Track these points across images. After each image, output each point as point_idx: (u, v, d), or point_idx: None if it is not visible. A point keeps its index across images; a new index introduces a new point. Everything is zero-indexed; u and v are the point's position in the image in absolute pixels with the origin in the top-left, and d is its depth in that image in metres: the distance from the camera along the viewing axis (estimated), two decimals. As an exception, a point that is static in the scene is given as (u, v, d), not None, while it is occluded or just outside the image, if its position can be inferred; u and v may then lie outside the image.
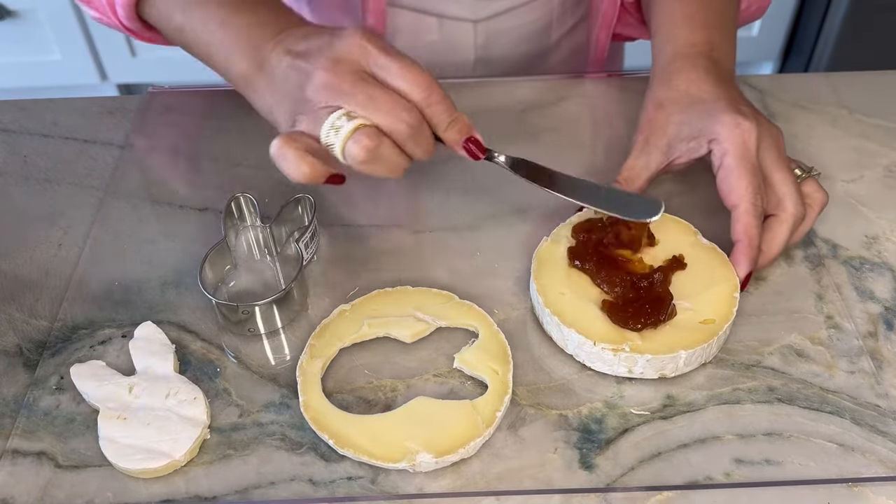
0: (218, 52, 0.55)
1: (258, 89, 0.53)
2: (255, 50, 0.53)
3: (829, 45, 1.67)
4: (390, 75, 0.49)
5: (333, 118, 0.48)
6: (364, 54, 0.49)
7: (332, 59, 0.49)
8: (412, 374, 0.52)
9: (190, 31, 0.57)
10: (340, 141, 0.48)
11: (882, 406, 0.51)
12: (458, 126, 0.52)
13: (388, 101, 0.48)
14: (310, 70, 0.50)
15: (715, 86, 0.58)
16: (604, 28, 0.80)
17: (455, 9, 0.75)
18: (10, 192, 0.66)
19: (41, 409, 0.51)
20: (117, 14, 0.62)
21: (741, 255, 0.54)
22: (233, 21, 0.55)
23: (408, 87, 0.49)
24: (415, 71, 0.49)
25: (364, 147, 0.48)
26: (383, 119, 0.48)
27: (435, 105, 0.50)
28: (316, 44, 0.51)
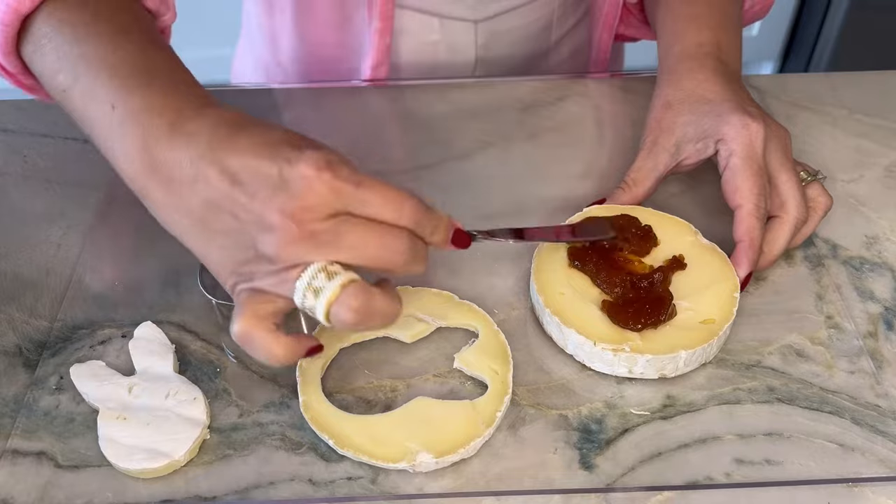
0: (104, 139, 0.43)
1: (157, 202, 0.42)
2: (146, 149, 0.41)
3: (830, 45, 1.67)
4: (371, 210, 0.40)
5: (308, 277, 0.39)
6: (337, 196, 0.39)
7: (296, 206, 0.38)
8: (412, 374, 0.52)
9: (75, 100, 0.44)
10: (324, 306, 0.40)
11: (882, 406, 0.51)
12: (443, 228, 0.43)
13: (377, 237, 0.40)
14: (258, 217, 0.39)
15: (723, 86, 0.59)
16: (606, 29, 0.80)
17: (456, 9, 0.75)
18: (10, 192, 0.66)
19: (41, 409, 0.51)
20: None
21: (742, 256, 0.54)
22: (119, 100, 0.42)
23: (393, 216, 0.40)
24: (395, 195, 0.40)
25: (354, 310, 0.40)
26: (377, 259, 0.40)
27: (421, 221, 0.42)
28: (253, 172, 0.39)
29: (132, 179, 0.42)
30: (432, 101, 0.74)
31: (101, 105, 0.43)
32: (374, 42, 0.74)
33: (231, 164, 0.39)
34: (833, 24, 1.65)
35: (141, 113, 0.42)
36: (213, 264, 0.42)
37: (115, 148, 0.43)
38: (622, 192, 0.60)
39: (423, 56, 0.79)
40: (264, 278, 0.40)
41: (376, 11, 0.72)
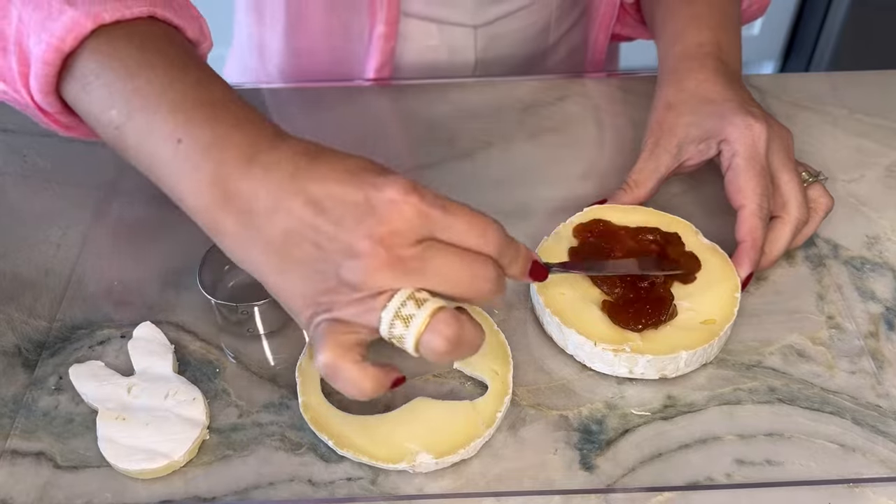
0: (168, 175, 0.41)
1: (230, 236, 0.41)
2: (219, 184, 0.39)
3: (830, 44, 1.67)
4: (457, 236, 0.39)
5: (396, 305, 0.39)
6: (424, 221, 0.38)
7: (384, 231, 0.38)
8: (412, 374, 0.52)
9: (130, 137, 0.42)
10: (414, 335, 0.39)
11: (883, 406, 0.51)
12: (522, 259, 0.43)
13: (466, 264, 0.39)
14: (349, 246, 0.38)
15: (724, 87, 0.59)
16: (602, 29, 0.80)
17: (455, 15, 0.75)
18: (10, 192, 0.66)
19: (40, 410, 0.51)
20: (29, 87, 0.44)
21: (744, 257, 0.54)
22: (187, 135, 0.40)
23: (478, 243, 0.40)
24: (480, 223, 0.40)
25: (446, 338, 0.39)
26: (465, 286, 0.39)
27: (504, 249, 0.41)
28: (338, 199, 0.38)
29: (201, 213, 0.41)
30: (433, 101, 0.74)
31: (165, 141, 0.41)
32: (378, 46, 0.74)
33: (315, 193, 0.38)
34: (833, 23, 1.65)
35: (212, 147, 0.40)
36: (289, 297, 0.41)
37: (181, 183, 0.41)
38: (624, 193, 0.60)
39: (423, 60, 0.79)
40: (346, 307, 0.39)
41: (381, 17, 0.72)
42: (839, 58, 1.67)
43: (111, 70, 0.42)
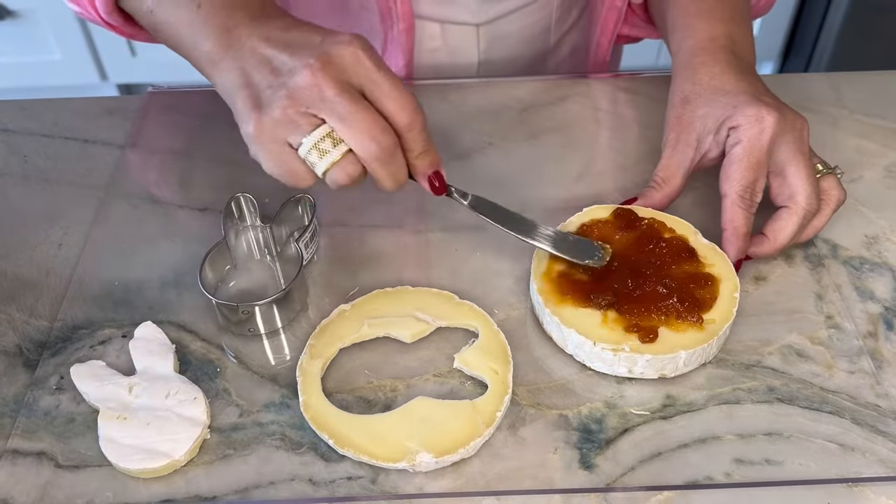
0: (185, 31, 0.52)
1: (221, 68, 0.50)
2: (226, 31, 0.50)
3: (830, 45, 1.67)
4: (380, 92, 0.47)
5: (316, 137, 0.47)
6: (357, 64, 0.47)
7: (321, 59, 0.46)
8: (412, 374, 0.52)
9: (160, 13, 0.54)
10: (323, 167, 0.47)
11: (882, 406, 0.51)
12: (430, 158, 0.50)
13: (367, 120, 0.46)
14: (291, 66, 0.47)
15: (738, 78, 0.59)
16: (605, 33, 0.80)
17: (458, 13, 0.75)
18: (10, 192, 0.66)
19: (41, 409, 0.51)
20: (96, 7, 0.59)
21: (726, 244, 0.56)
22: (207, 1, 0.51)
23: (395, 108, 0.47)
24: (405, 93, 0.47)
25: (348, 174, 0.47)
26: (357, 138, 0.46)
27: (417, 132, 0.48)
28: (303, 39, 0.48)
29: (207, 53, 0.50)
30: (433, 101, 0.74)
31: (186, 8, 0.52)
32: (401, 43, 0.74)
33: (291, 37, 0.48)
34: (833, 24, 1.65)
35: (225, 7, 0.50)
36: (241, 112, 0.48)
37: (197, 35, 0.51)
38: (654, 191, 0.60)
39: (426, 62, 0.79)
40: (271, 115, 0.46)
41: (398, 13, 0.72)
42: (839, 58, 1.67)
43: None
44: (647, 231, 0.57)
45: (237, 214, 0.59)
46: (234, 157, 0.68)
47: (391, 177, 0.49)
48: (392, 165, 0.48)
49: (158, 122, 0.72)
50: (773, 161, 0.56)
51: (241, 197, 0.59)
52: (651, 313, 0.52)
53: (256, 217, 0.59)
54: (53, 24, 1.68)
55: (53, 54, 1.74)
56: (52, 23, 1.68)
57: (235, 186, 0.60)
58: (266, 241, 0.59)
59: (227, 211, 0.58)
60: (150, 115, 0.73)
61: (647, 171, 0.64)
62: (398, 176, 0.49)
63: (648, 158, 0.67)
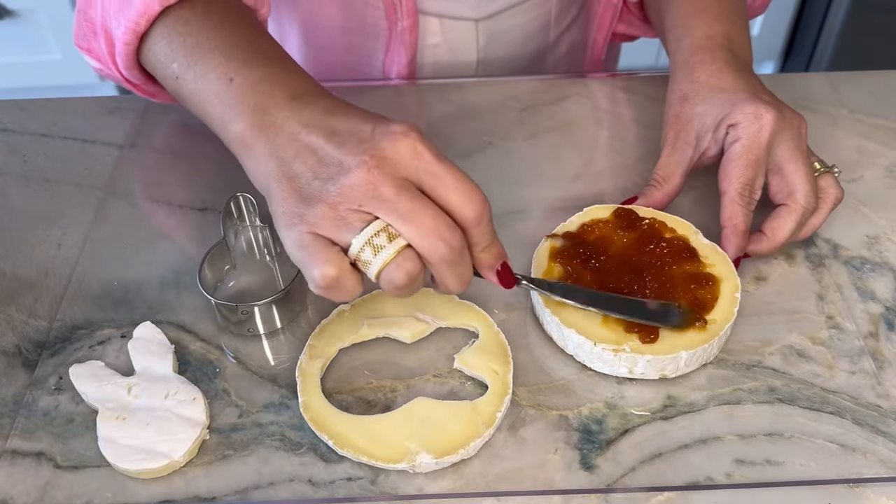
0: (215, 106, 0.47)
1: (256, 154, 0.45)
2: (261, 112, 0.45)
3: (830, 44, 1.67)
4: (443, 187, 0.42)
5: (370, 233, 0.42)
6: (415, 158, 0.42)
7: (375, 156, 0.41)
8: (412, 374, 0.52)
9: (188, 81, 0.49)
10: (379, 265, 0.42)
11: (883, 406, 0.51)
12: (496, 250, 0.46)
13: (432, 217, 0.42)
14: (340, 160, 0.42)
15: (735, 76, 0.59)
16: (601, 30, 0.80)
17: (458, 8, 0.75)
18: (10, 192, 0.66)
19: (40, 410, 0.51)
20: (117, 64, 0.55)
21: (725, 242, 0.56)
22: (239, 75, 0.47)
23: (461, 202, 0.42)
24: (469, 185, 0.43)
25: (407, 273, 0.42)
26: (423, 238, 0.42)
27: (484, 225, 0.44)
28: (351, 128, 0.43)
29: (239, 134, 0.46)
30: (432, 101, 0.74)
31: (218, 80, 0.47)
32: (405, 40, 0.74)
33: (336, 124, 0.43)
34: (833, 24, 1.65)
35: (261, 83, 0.46)
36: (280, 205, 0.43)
37: (226, 112, 0.46)
38: (655, 190, 0.60)
39: (425, 60, 0.79)
40: (324, 222, 0.42)
41: (404, 11, 0.72)
42: (839, 58, 1.67)
43: (174, 31, 0.50)
44: (647, 231, 0.57)
45: (236, 214, 0.59)
46: (234, 158, 0.68)
47: (458, 277, 0.44)
48: (460, 266, 0.43)
49: (158, 122, 0.72)
50: (772, 159, 0.56)
51: (241, 197, 0.59)
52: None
53: (256, 217, 0.59)
54: (53, 24, 1.68)
55: (53, 54, 1.74)
56: (52, 23, 1.68)
57: (235, 186, 0.59)
58: (265, 241, 0.59)
59: (227, 211, 0.58)
60: (150, 115, 0.73)
61: (647, 170, 0.64)
62: (465, 276, 0.44)
63: (648, 157, 0.67)
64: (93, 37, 0.57)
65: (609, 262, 0.55)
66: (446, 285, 0.44)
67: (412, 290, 0.44)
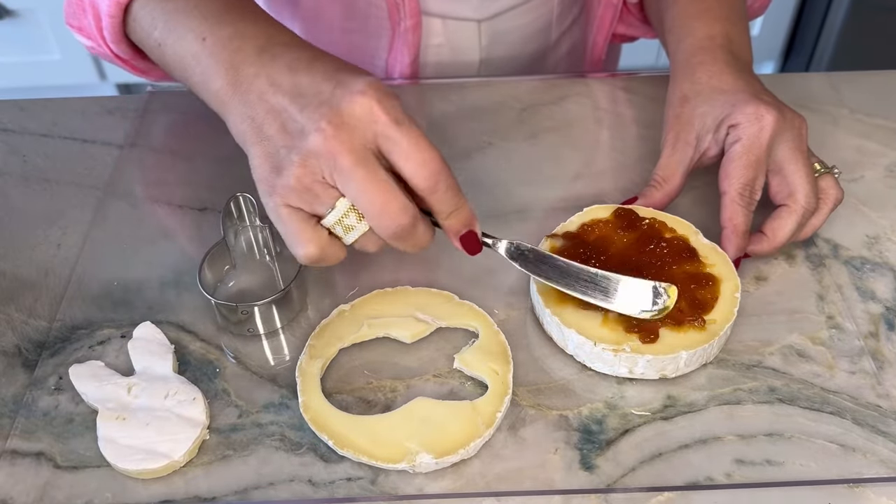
0: (194, 67, 0.49)
1: (233, 114, 0.46)
2: (234, 68, 0.46)
3: (830, 44, 1.67)
4: (397, 152, 0.43)
5: (341, 211, 0.44)
6: (371, 122, 0.43)
7: (333, 122, 0.42)
8: (412, 374, 0.52)
9: (168, 47, 0.51)
10: (351, 240, 0.46)
11: (883, 406, 0.51)
12: (461, 217, 0.47)
13: (383, 195, 0.43)
14: (301, 126, 0.43)
15: (736, 77, 0.59)
16: (601, 30, 0.80)
17: (460, 9, 0.75)
18: (10, 192, 0.66)
19: (40, 410, 0.51)
20: (105, 39, 0.57)
21: (725, 243, 0.56)
22: (211, 33, 0.48)
23: (413, 170, 0.43)
24: (426, 152, 0.43)
25: (379, 245, 0.47)
26: (373, 216, 0.44)
27: (441, 193, 0.44)
28: (313, 87, 0.44)
29: (218, 93, 0.47)
30: (432, 100, 0.74)
31: (194, 41, 0.49)
32: (408, 40, 0.75)
33: (301, 82, 0.44)
34: (833, 24, 1.65)
35: (232, 39, 0.47)
36: (258, 177, 0.45)
37: (204, 72, 0.48)
38: (655, 190, 0.60)
39: (427, 60, 0.79)
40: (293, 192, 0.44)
41: (406, 10, 0.72)
42: (839, 58, 1.67)
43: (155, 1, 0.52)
44: (647, 231, 0.57)
45: (236, 214, 0.59)
46: (234, 157, 0.68)
47: (412, 247, 0.46)
48: (412, 238, 0.45)
49: (158, 122, 0.72)
50: (773, 159, 0.56)
51: (241, 197, 0.59)
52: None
53: (256, 217, 0.59)
54: (53, 23, 1.68)
55: (53, 54, 1.74)
56: (52, 23, 1.68)
57: (235, 186, 0.59)
58: (265, 241, 0.59)
59: (227, 211, 0.58)
60: (150, 114, 0.73)
61: (647, 170, 0.64)
62: (420, 244, 0.46)
63: (648, 158, 0.67)
64: (82, 14, 0.59)
65: (609, 262, 0.55)
66: (401, 249, 0.46)
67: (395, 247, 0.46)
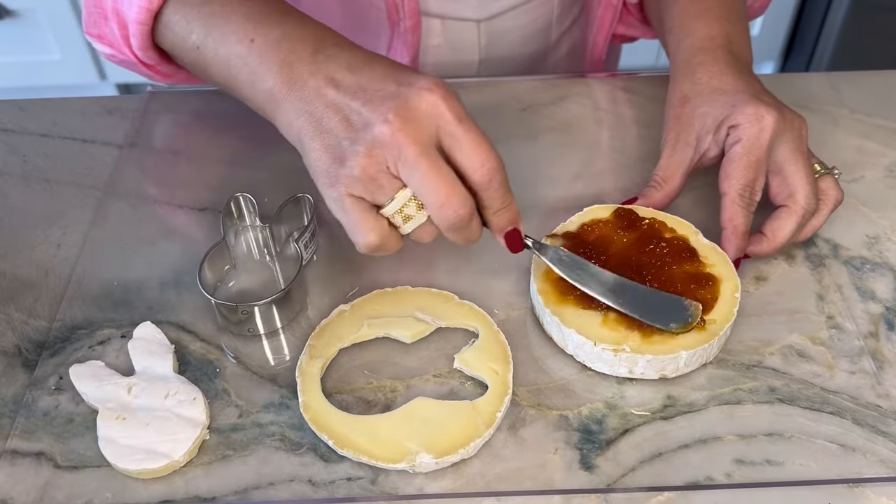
0: (241, 68, 0.49)
1: (286, 111, 0.47)
2: (288, 67, 0.47)
3: (830, 44, 1.67)
4: (458, 149, 0.45)
5: (401, 203, 0.46)
6: (436, 117, 0.44)
7: (400, 115, 0.43)
8: (412, 374, 0.52)
9: (209, 49, 0.51)
10: (410, 230, 0.47)
11: (883, 406, 0.51)
12: (508, 215, 0.49)
13: (446, 186, 0.44)
14: (367, 119, 0.44)
15: (736, 78, 0.59)
16: (601, 31, 0.80)
17: (460, 9, 0.75)
18: (10, 192, 0.66)
19: (40, 410, 0.51)
20: (131, 46, 0.56)
21: (725, 243, 0.56)
22: (259, 35, 0.49)
23: (472, 166, 0.45)
24: (485, 150, 0.45)
25: (433, 235, 0.48)
26: (434, 206, 0.45)
27: (495, 189, 0.46)
28: (375, 84, 0.45)
29: (268, 92, 0.47)
30: (432, 100, 0.74)
31: (239, 43, 0.49)
32: (407, 40, 0.75)
33: (361, 80, 0.45)
34: (833, 24, 1.65)
35: (282, 40, 0.48)
36: (317, 170, 0.46)
37: (254, 72, 0.48)
38: (654, 191, 0.60)
39: (427, 60, 0.79)
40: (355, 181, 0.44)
41: (406, 11, 0.72)
42: (839, 58, 1.67)
43: (188, 6, 0.51)
44: (647, 231, 0.57)
45: (236, 214, 0.59)
46: (234, 157, 0.68)
47: (465, 240, 0.48)
48: (466, 231, 0.47)
49: (158, 122, 0.72)
50: (773, 160, 0.56)
51: (241, 197, 0.59)
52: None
53: (256, 217, 0.59)
54: (53, 23, 1.68)
55: (52, 54, 1.74)
56: (52, 23, 1.68)
57: (235, 186, 0.60)
58: (265, 241, 0.59)
59: (227, 211, 0.58)
60: (150, 115, 0.73)
61: (647, 170, 0.64)
62: (471, 237, 0.48)
63: (648, 158, 0.67)
64: (104, 22, 0.58)
65: (609, 263, 0.55)
66: (453, 240, 0.48)
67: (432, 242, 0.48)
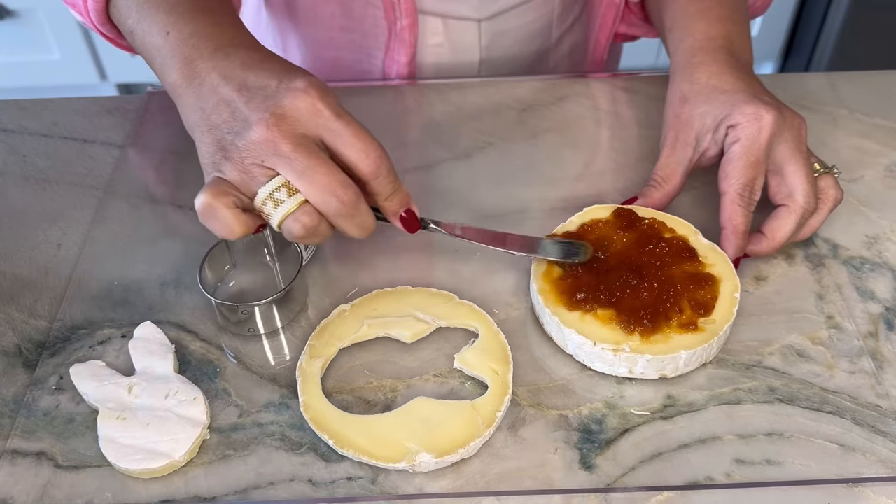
0: (156, 59, 0.52)
1: (185, 104, 0.49)
2: (189, 63, 0.49)
3: (830, 44, 1.67)
4: (340, 142, 0.46)
5: (271, 188, 0.46)
6: (314, 115, 0.46)
7: (275, 113, 0.45)
8: (412, 374, 0.52)
9: (137, 35, 0.53)
10: (279, 216, 0.46)
11: (883, 406, 0.51)
12: (399, 198, 0.50)
13: (326, 175, 0.45)
14: (246, 116, 0.46)
15: (736, 77, 0.59)
16: (603, 31, 0.80)
17: (460, 8, 0.75)
18: (10, 192, 0.66)
19: (40, 410, 0.51)
20: (91, 18, 0.59)
21: (725, 243, 0.56)
22: (174, 29, 0.51)
23: (357, 157, 0.46)
24: (367, 140, 0.46)
25: (304, 226, 0.46)
26: (316, 194, 0.46)
27: (383, 177, 0.48)
28: (259, 82, 0.47)
29: (174, 86, 0.50)
30: (432, 101, 0.74)
31: (158, 34, 0.52)
32: (404, 39, 0.75)
33: (248, 78, 0.47)
34: (833, 24, 1.65)
35: (191, 37, 0.50)
36: (202, 156, 0.48)
37: (165, 64, 0.51)
38: (654, 190, 0.60)
39: (428, 60, 0.79)
40: (233, 171, 0.46)
41: (402, 10, 0.72)
42: (839, 58, 1.67)
43: None
44: (647, 231, 0.57)
45: (237, 214, 0.59)
46: (234, 157, 0.68)
47: (357, 227, 0.48)
48: (357, 217, 0.47)
49: (158, 122, 0.72)
50: (772, 159, 0.56)
51: (241, 197, 0.59)
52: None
53: (256, 217, 0.59)
54: (53, 23, 1.68)
55: (53, 54, 1.74)
56: (52, 23, 1.68)
57: (235, 186, 0.59)
58: (265, 241, 0.59)
59: (227, 211, 0.58)
60: (150, 114, 0.73)
61: (647, 170, 0.64)
62: (365, 225, 0.48)
63: (648, 158, 0.67)
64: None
65: (609, 262, 0.55)
66: (347, 234, 0.48)
67: (313, 240, 0.48)
